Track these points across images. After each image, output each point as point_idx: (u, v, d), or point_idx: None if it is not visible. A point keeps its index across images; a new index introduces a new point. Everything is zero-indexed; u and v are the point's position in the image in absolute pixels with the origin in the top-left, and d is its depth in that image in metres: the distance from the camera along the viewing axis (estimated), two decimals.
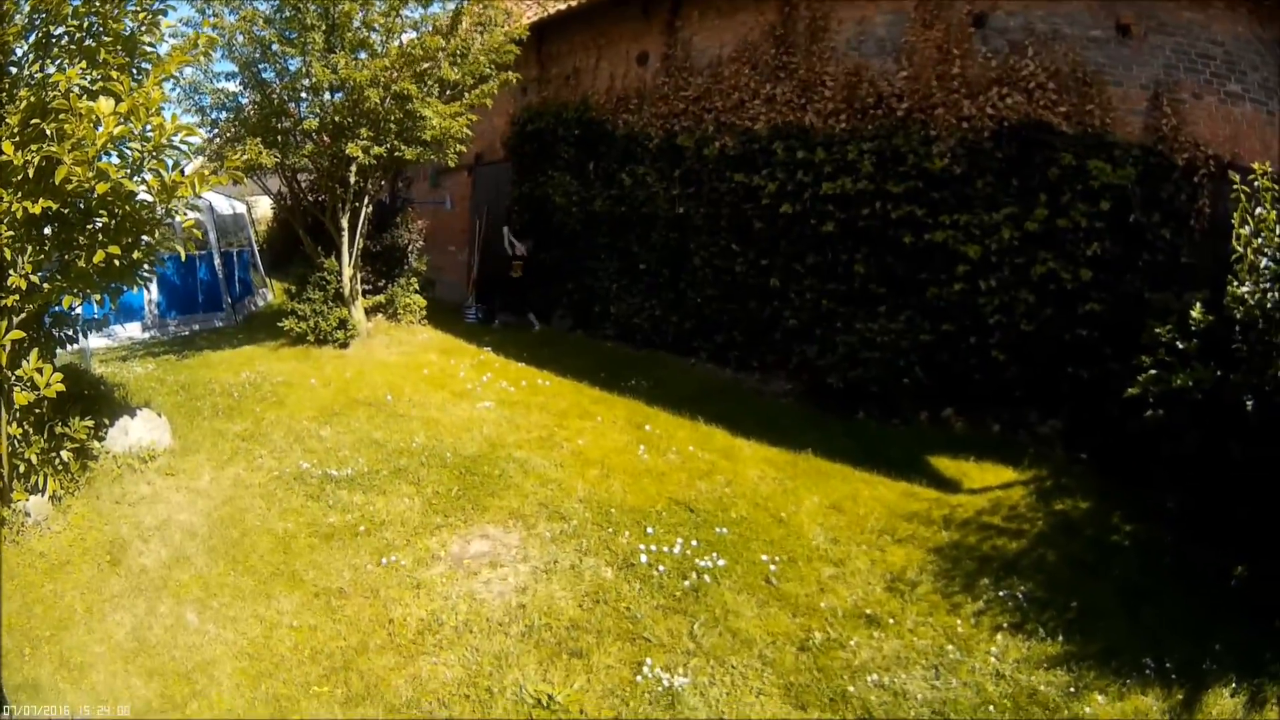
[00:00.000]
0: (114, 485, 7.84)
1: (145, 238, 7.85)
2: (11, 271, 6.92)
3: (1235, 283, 7.27)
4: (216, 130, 14.30)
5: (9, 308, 6.93)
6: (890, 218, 10.98)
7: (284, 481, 8.23)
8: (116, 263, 7.34)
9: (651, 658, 5.54)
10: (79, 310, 8.16)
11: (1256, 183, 7.40)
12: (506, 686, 5.22)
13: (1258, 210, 7.36)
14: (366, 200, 14.92)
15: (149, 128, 6.91)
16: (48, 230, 7.38)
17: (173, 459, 8.56)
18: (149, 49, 7.96)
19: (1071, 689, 5.48)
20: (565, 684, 5.23)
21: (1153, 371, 7.53)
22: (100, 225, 7.46)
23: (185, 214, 7.89)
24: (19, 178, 6.85)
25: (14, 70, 7.52)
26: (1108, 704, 5.36)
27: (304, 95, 13.85)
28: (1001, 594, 6.43)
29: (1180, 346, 7.49)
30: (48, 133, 6.94)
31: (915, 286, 10.94)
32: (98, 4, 7.33)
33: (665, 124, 14.19)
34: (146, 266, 8.05)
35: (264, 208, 28.55)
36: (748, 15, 13.05)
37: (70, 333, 8.28)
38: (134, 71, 7.63)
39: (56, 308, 7.90)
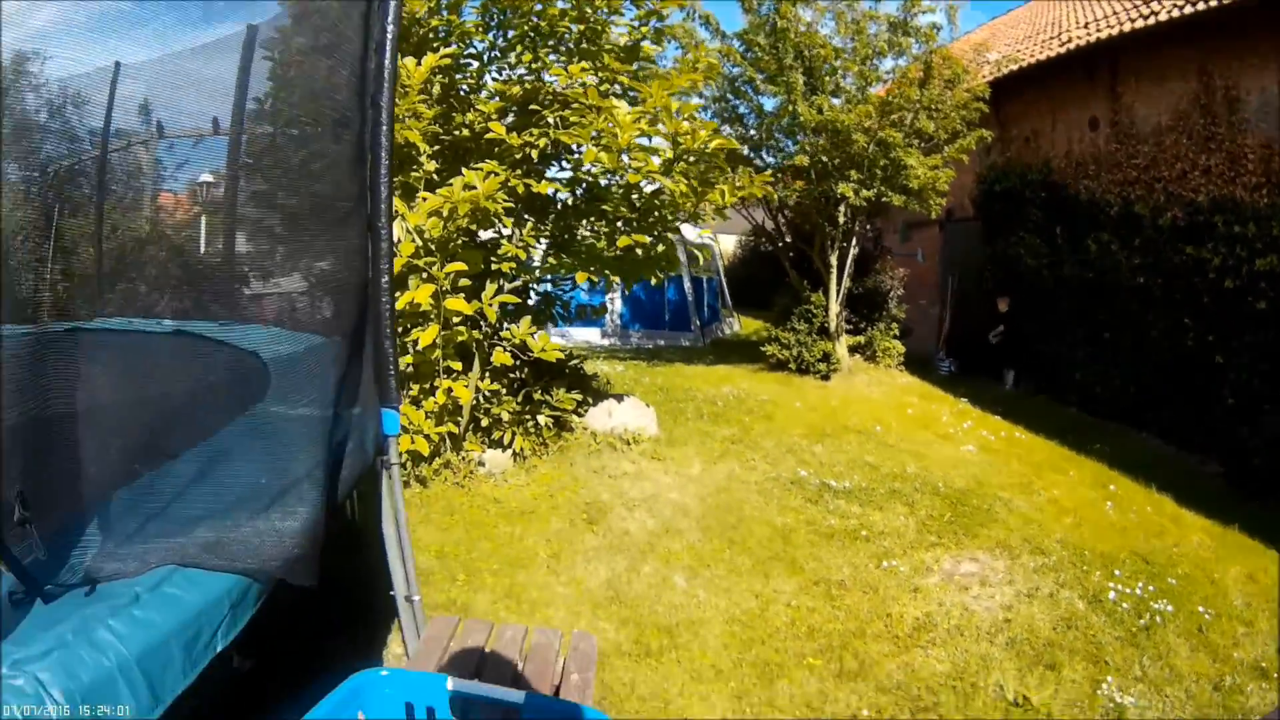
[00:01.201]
0: (591, 458, 8.04)
1: (669, 235, 7.95)
2: (505, 242, 7.13)
3: None
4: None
5: (502, 273, 7.13)
6: None
7: (780, 484, 8.27)
8: (639, 251, 7.44)
9: (1112, 677, 5.53)
10: (572, 295, 8.51)
11: None
12: (989, 685, 5.20)
13: None
14: (853, 241, 15.01)
15: (678, 132, 6.96)
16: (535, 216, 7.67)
17: (658, 447, 8.64)
18: (650, 64, 8.13)
19: None
20: (1038, 690, 5.21)
21: None
22: (618, 215, 7.57)
23: (710, 220, 7.85)
24: (518, 157, 7.08)
25: (474, 64, 7.80)
26: None
27: (777, 134, 14.08)
28: None
29: None
30: (550, 121, 7.12)
31: None
32: (587, 10, 7.40)
33: (1121, 191, 13.34)
34: (664, 264, 8.09)
35: (724, 244, 28.91)
36: (1175, 84, 12.28)
37: (563, 313, 8.49)
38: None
39: (544, 285, 8.19)
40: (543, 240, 7.77)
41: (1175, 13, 11.67)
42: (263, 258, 3.40)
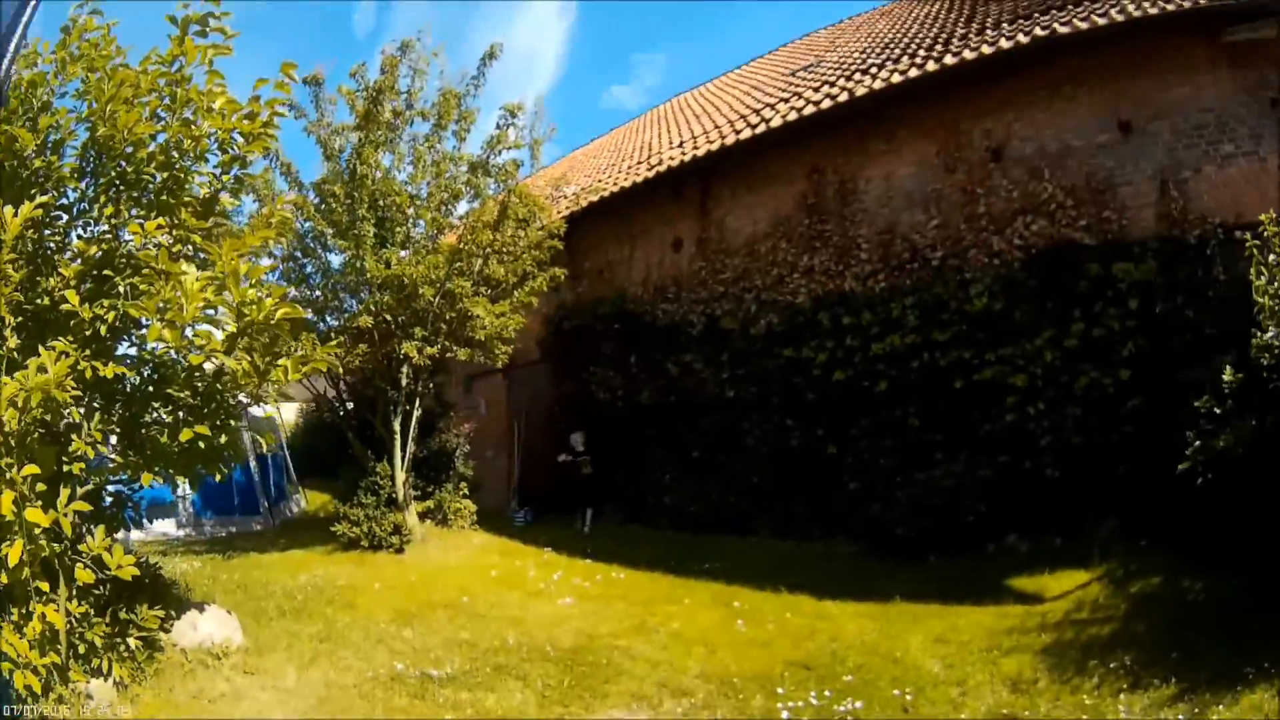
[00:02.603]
0: (187, 680, 6.94)
1: (233, 422, 7.02)
2: (75, 436, 5.97)
3: (1260, 334, 7.06)
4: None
5: (74, 475, 5.98)
6: (939, 365, 10.83)
7: (380, 682, 7.37)
8: (201, 444, 6.45)
9: None
10: (141, 493, 7.27)
11: (1265, 233, 7.21)
12: None
13: (1270, 258, 7.14)
14: (418, 403, 14.19)
15: (244, 303, 6.00)
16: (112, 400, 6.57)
17: (248, 658, 7.64)
18: (227, 220, 7.52)
19: (1196, 710, 5.72)
20: None
21: (1197, 443, 7.43)
22: (181, 402, 6.59)
23: (274, 402, 7.03)
24: (88, 333, 6.04)
25: (63, 216, 6.69)
26: (1227, 710, 5.61)
27: (342, 293, 13.48)
28: (1111, 665, 6.54)
29: (1218, 411, 7.36)
30: (121, 289, 6.21)
31: (968, 426, 10.64)
32: (174, 155, 6.47)
33: (706, 308, 13.84)
34: (229, 454, 7.11)
35: (285, 414, 27.62)
36: (778, 188, 12.96)
37: (134, 515, 7.33)
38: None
39: (116, 485, 6.96)
40: (113, 434, 6.64)
41: (793, 115, 12.35)
42: None
